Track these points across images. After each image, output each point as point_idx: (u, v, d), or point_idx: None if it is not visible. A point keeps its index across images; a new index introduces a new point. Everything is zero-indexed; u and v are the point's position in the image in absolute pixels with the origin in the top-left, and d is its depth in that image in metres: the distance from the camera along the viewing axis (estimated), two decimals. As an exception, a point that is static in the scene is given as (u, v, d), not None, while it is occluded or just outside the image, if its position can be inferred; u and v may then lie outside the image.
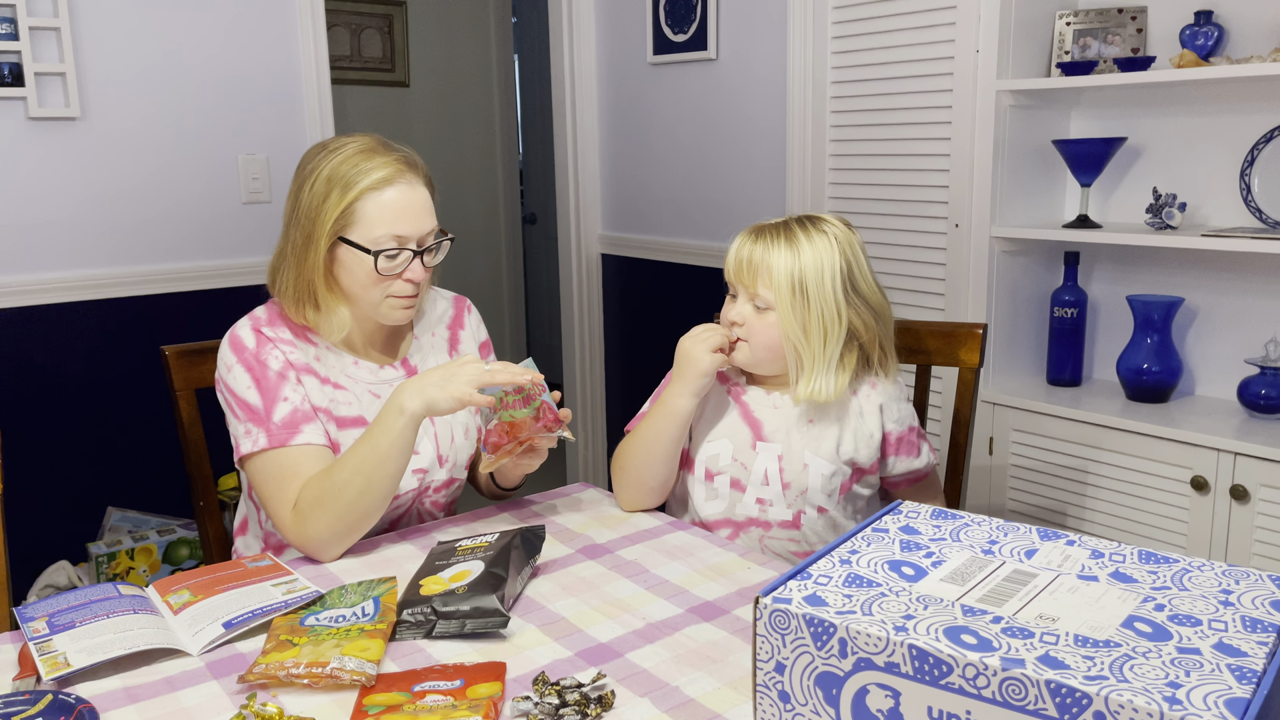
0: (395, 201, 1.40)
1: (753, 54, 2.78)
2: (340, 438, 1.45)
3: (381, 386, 1.51)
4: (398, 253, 1.41)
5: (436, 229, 1.46)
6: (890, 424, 1.48)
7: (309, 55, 2.81)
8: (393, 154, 1.43)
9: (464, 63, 4.27)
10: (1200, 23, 2.02)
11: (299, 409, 1.41)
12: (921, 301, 2.42)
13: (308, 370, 1.46)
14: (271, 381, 1.42)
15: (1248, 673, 0.70)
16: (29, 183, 2.47)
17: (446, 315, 1.63)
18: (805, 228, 1.43)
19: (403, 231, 1.41)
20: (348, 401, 1.48)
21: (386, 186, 1.40)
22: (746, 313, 1.44)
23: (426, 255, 1.45)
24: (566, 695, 0.98)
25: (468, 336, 1.63)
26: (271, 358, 1.43)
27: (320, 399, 1.46)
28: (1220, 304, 2.13)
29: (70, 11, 2.45)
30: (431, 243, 1.45)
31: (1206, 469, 1.89)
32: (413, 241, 1.42)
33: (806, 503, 1.46)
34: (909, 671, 0.76)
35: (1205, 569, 0.86)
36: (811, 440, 1.46)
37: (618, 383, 3.48)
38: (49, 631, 1.12)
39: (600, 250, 3.43)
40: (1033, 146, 2.25)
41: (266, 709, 0.97)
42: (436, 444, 1.52)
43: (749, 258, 1.43)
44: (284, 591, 1.22)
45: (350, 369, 1.50)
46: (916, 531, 0.96)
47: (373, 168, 1.40)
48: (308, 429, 1.41)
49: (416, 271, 1.43)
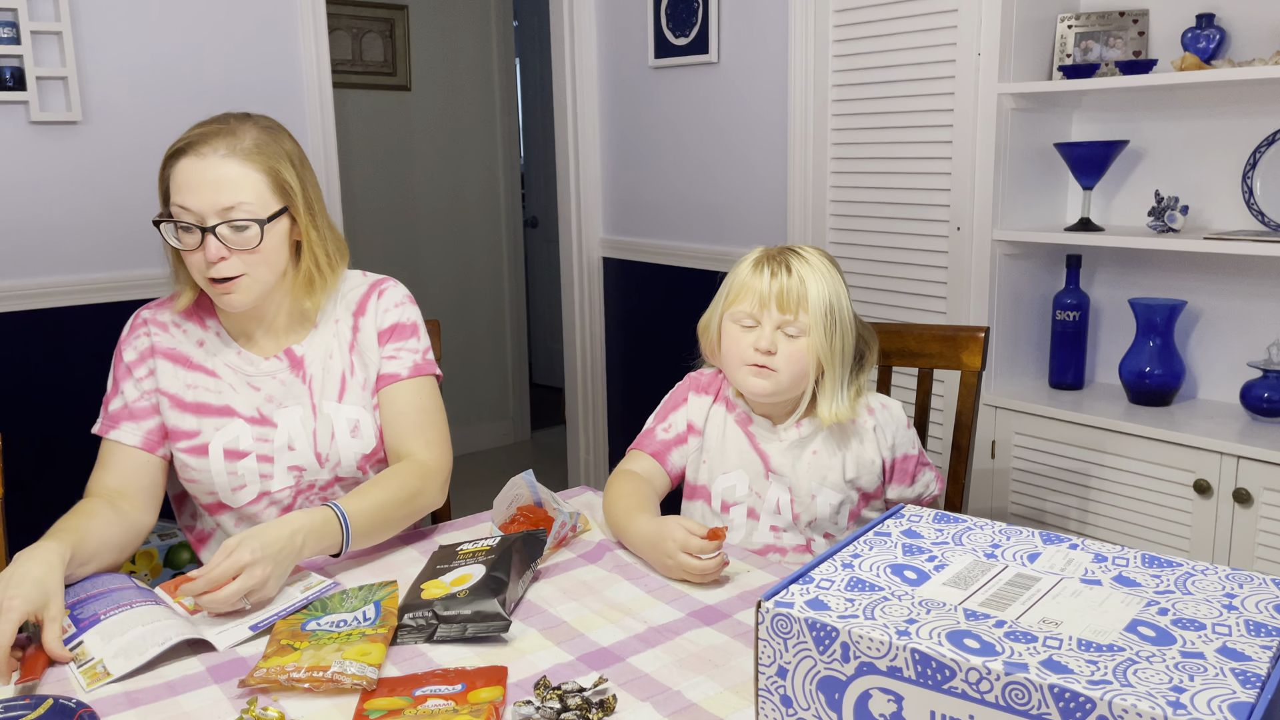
0: (182, 170, 1.32)
1: (754, 57, 2.78)
2: (190, 424, 1.43)
3: (261, 379, 1.46)
4: (188, 228, 1.33)
5: (242, 205, 1.33)
6: (885, 450, 1.51)
7: (310, 59, 2.81)
8: (212, 124, 1.36)
9: (465, 66, 4.28)
10: (1202, 25, 2.02)
11: (127, 405, 1.44)
12: (923, 305, 2.42)
13: (170, 355, 1.45)
14: (119, 373, 1.46)
15: (1252, 677, 0.70)
16: (30, 187, 2.47)
17: (354, 302, 1.53)
18: (805, 255, 1.47)
19: (187, 204, 1.32)
20: (217, 390, 1.45)
21: (180, 156, 1.33)
22: (776, 340, 1.44)
23: (222, 233, 1.32)
24: (568, 700, 0.98)
25: (368, 324, 1.51)
26: (129, 348, 1.46)
27: (171, 385, 1.44)
28: (1223, 307, 2.12)
29: (72, 16, 2.45)
30: (229, 220, 1.32)
31: (1209, 472, 1.89)
32: (199, 216, 1.32)
33: (815, 531, 1.50)
34: (912, 676, 0.75)
35: (1208, 573, 0.86)
36: (817, 472, 1.48)
37: (619, 386, 3.48)
38: (76, 630, 1.12)
39: (601, 254, 3.43)
40: (1034, 149, 2.25)
41: (267, 713, 0.97)
42: (315, 441, 1.46)
43: (786, 287, 1.43)
44: (302, 589, 1.23)
45: (232, 358, 1.46)
46: (919, 535, 0.96)
47: (182, 137, 1.34)
48: (125, 426, 1.43)
49: (211, 251, 1.32)
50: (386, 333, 1.51)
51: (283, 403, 1.46)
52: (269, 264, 1.38)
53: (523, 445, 4.65)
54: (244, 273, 1.36)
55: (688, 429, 1.56)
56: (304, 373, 1.48)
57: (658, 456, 1.55)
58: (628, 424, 3.42)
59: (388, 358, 1.50)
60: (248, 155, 1.34)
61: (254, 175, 1.35)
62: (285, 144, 1.40)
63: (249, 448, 1.45)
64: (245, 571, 1.15)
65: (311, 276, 1.45)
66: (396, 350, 1.51)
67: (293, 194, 1.39)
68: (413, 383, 1.50)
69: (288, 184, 1.38)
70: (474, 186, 4.37)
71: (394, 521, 1.38)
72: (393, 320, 1.52)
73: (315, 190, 1.44)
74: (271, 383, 1.46)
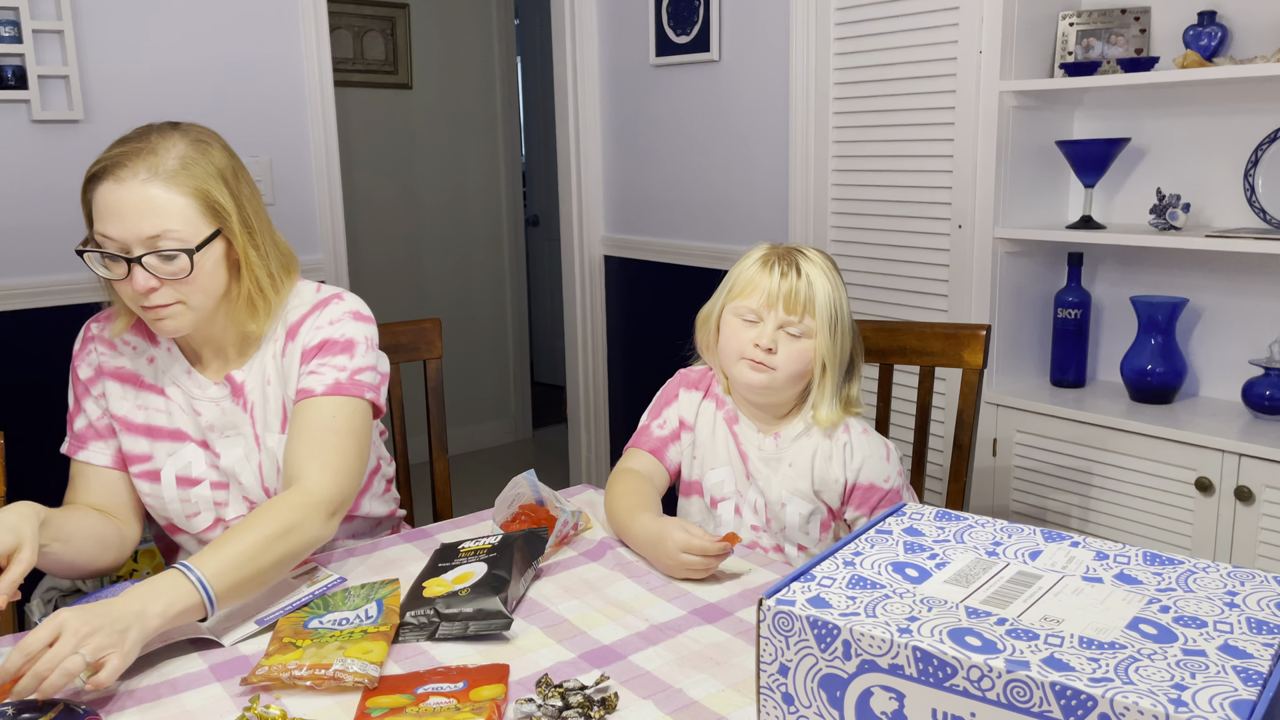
0: (101, 196, 1.21)
1: (755, 55, 2.78)
2: (143, 448, 1.37)
3: (204, 404, 1.37)
4: (114, 257, 1.22)
5: (169, 233, 1.21)
6: (850, 471, 1.48)
7: (312, 57, 2.81)
8: (129, 144, 1.23)
9: (467, 65, 4.28)
10: (1204, 23, 2.02)
11: (92, 424, 1.39)
12: (925, 303, 2.42)
13: (119, 375, 1.38)
14: (78, 391, 1.40)
15: (1253, 674, 0.70)
16: (33, 186, 2.48)
17: (292, 320, 1.39)
18: (810, 256, 1.47)
19: (110, 233, 1.21)
20: (166, 411, 1.37)
21: (98, 181, 1.22)
22: (778, 339, 1.44)
23: (150, 262, 1.22)
24: (570, 697, 0.98)
25: (295, 347, 1.37)
26: (83, 365, 1.40)
27: (121, 407, 1.37)
28: (1224, 305, 2.12)
29: (73, 14, 2.45)
30: (156, 250, 1.21)
31: (1211, 470, 1.89)
32: (123, 246, 1.22)
33: (786, 539, 1.50)
34: (913, 673, 0.75)
35: (1210, 570, 0.86)
36: (789, 481, 1.49)
37: (620, 384, 3.48)
38: None
39: (603, 252, 3.43)
40: (1036, 147, 2.25)
41: (270, 711, 0.97)
42: (261, 476, 1.38)
43: (795, 288, 1.43)
44: (308, 584, 1.23)
45: (181, 377, 1.38)
46: (920, 533, 0.96)
47: (100, 157, 1.23)
48: (94, 446, 1.39)
49: (139, 282, 1.22)
50: (313, 350, 1.36)
51: (224, 432, 1.38)
52: (205, 290, 1.27)
53: (524, 443, 4.65)
54: (178, 300, 1.26)
55: (680, 425, 1.56)
56: (245, 400, 1.37)
57: (656, 453, 1.55)
58: (629, 422, 3.42)
59: (309, 373, 1.35)
60: (172, 177, 1.22)
61: (179, 199, 1.22)
62: (215, 158, 1.27)
63: (202, 474, 1.38)
64: (62, 637, 0.97)
65: (253, 298, 1.33)
66: (320, 365, 1.35)
67: (226, 215, 1.27)
68: (327, 400, 1.33)
69: (219, 204, 1.26)
70: (475, 185, 4.37)
71: (268, 568, 1.17)
72: (323, 337, 1.36)
73: (254, 204, 1.32)
74: (214, 410, 1.37)
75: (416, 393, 3.83)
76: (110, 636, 0.99)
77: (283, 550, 1.18)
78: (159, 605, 1.05)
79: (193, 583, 1.09)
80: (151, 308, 1.26)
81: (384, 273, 4.13)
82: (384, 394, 1.42)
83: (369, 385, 1.37)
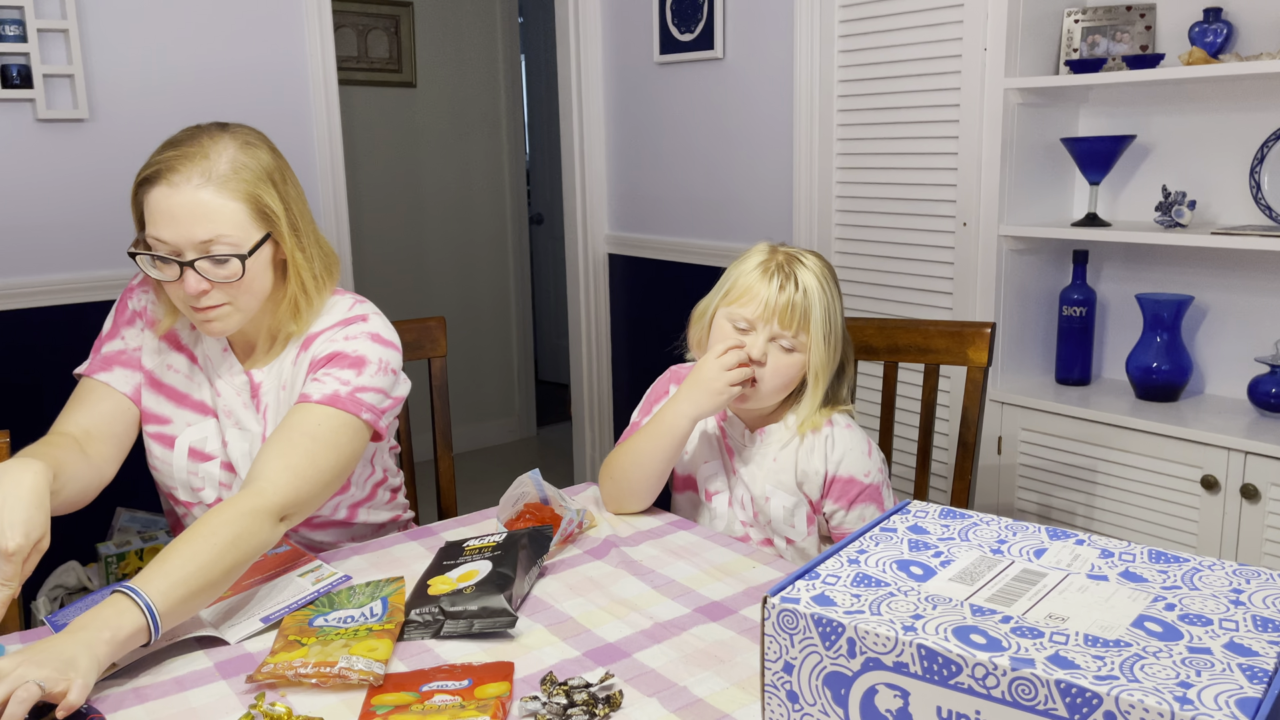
0: (154, 200, 1.23)
1: (759, 53, 2.78)
2: (165, 410, 1.39)
3: (225, 384, 1.39)
4: (166, 260, 1.25)
5: (222, 238, 1.24)
6: (831, 464, 1.48)
7: (316, 56, 2.81)
8: (180, 147, 1.25)
9: (471, 63, 4.28)
10: (1209, 20, 2.01)
11: (126, 350, 1.40)
12: (929, 300, 2.41)
13: (169, 334, 1.40)
14: (121, 319, 1.42)
15: (1259, 672, 0.70)
16: (37, 184, 2.48)
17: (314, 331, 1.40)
18: (808, 264, 1.45)
19: (163, 236, 1.23)
20: (190, 377, 1.39)
21: (151, 185, 1.24)
22: (769, 351, 1.44)
23: (202, 266, 1.24)
24: (574, 695, 0.98)
25: (305, 359, 1.37)
26: (135, 297, 1.42)
27: (150, 360, 1.40)
28: (1230, 302, 2.12)
29: (78, 13, 2.46)
30: (208, 254, 1.24)
31: (1217, 468, 1.88)
32: (176, 250, 1.24)
33: (774, 533, 1.51)
34: (918, 671, 0.75)
35: (1216, 568, 0.85)
36: (773, 475, 1.49)
37: (624, 382, 3.48)
38: None
39: (607, 250, 3.43)
40: (1041, 144, 2.25)
41: (275, 709, 0.97)
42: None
43: (791, 302, 1.41)
44: (313, 581, 1.23)
45: (214, 349, 1.40)
46: (925, 531, 0.96)
47: (152, 160, 1.24)
48: (119, 371, 1.39)
49: (191, 285, 1.24)
50: (321, 360, 1.35)
51: (237, 422, 1.39)
52: (253, 292, 1.30)
53: (528, 441, 4.65)
54: (227, 301, 1.28)
55: None
56: (259, 401, 1.39)
57: None
58: (633, 420, 3.42)
59: (311, 380, 1.34)
60: (224, 183, 1.24)
61: (232, 205, 1.24)
62: (264, 160, 1.29)
63: (215, 451, 1.40)
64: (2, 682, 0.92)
65: (297, 301, 1.36)
66: (324, 375, 1.34)
67: (275, 218, 1.29)
68: (318, 409, 1.30)
69: (269, 208, 1.28)
70: (479, 183, 4.37)
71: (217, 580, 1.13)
72: (334, 349, 1.35)
73: (300, 205, 1.34)
74: (232, 396, 1.39)
75: (421, 391, 3.84)
76: (57, 668, 0.94)
77: (231, 561, 1.14)
78: (106, 633, 1.01)
79: (140, 606, 1.04)
80: (201, 309, 1.28)
81: (388, 271, 4.13)
82: (388, 420, 1.39)
83: (369, 406, 1.34)
